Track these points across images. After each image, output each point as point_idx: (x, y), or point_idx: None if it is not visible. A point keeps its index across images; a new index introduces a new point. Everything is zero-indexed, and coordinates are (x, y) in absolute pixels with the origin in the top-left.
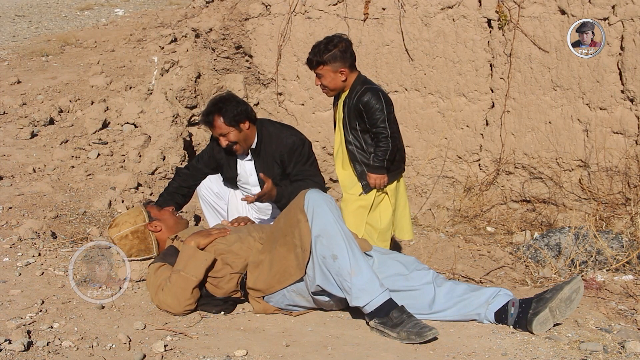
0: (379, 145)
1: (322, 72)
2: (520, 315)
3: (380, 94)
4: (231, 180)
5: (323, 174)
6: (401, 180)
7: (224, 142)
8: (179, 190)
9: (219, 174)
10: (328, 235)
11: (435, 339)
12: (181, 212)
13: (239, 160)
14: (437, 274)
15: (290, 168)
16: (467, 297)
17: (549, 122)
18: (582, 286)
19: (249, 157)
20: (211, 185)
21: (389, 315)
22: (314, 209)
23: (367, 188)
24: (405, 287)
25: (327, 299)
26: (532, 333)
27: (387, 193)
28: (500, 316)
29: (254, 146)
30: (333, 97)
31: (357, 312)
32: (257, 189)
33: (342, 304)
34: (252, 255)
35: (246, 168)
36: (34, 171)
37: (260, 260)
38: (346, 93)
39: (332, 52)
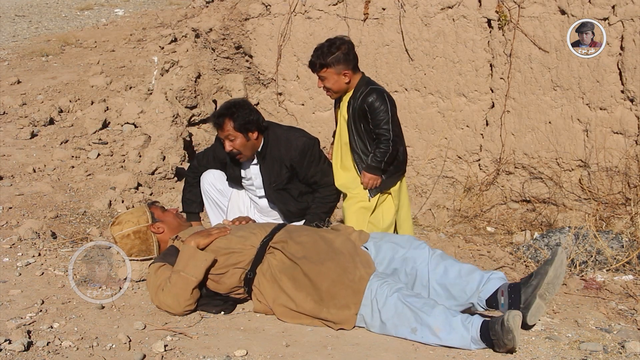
0: (379, 147)
1: (325, 74)
2: (511, 307)
3: (385, 95)
4: (235, 180)
5: None
6: (403, 181)
7: (228, 147)
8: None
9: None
10: (398, 318)
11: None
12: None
13: (243, 163)
14: (433, 252)
15: (304, 170)
16: (458, 282)
17: (549, 122)
18: (565, 258)
19: (255, 160)
20: (214, 182)
21: (493, 330)
22: (378, 300)
23: (373, 192)
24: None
25: None
26: (528, 324)
27: (390, 194)
28: (492, 303)
29: (259, 149)
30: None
31: None
32: (261, 192)
33: None
34: (274, 265)
35: (251, 171)
36: (34, 171)
37: (280, 278)
38: (350, 94)
39: (335, 54)
